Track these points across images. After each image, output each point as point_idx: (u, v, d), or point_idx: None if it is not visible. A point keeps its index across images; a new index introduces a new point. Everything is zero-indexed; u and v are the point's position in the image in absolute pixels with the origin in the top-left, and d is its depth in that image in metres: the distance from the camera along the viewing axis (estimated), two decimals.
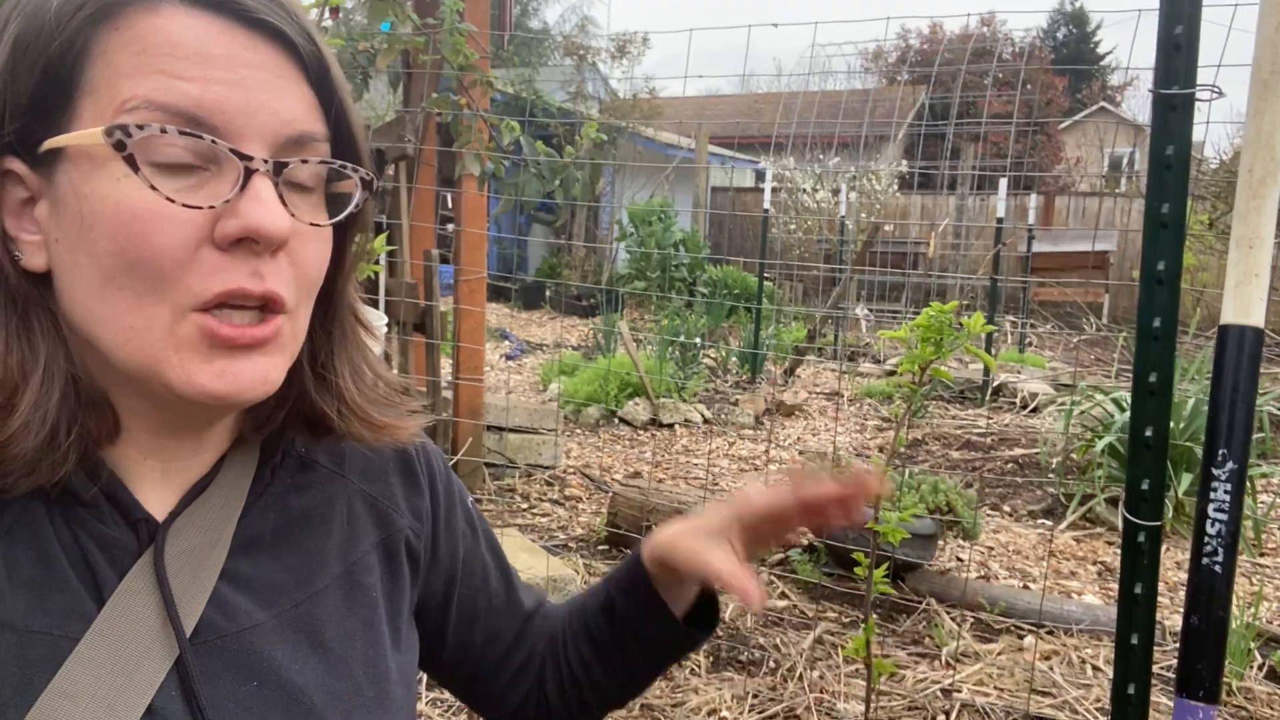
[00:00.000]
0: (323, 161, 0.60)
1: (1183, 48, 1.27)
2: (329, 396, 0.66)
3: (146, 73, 0.53)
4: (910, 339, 1.36)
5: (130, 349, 0.55)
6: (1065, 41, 29.52)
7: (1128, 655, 1.38)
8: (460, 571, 0.80)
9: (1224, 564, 1.16)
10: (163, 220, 0.53)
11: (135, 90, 0.53)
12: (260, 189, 0.55)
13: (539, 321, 10.99)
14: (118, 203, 0.53)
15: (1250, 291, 1.16)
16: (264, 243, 0.55)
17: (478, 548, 0.83)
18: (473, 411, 4.18)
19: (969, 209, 11.69)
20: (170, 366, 0.55)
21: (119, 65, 0.54)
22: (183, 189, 0.54)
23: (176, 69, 0.54)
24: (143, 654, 0.57)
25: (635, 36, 13.83)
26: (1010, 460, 5.28)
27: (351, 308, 0.69)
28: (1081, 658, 2.87)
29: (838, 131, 9.54)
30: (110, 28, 0.54)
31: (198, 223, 0.54)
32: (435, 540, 0.77)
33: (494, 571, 0.84)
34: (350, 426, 0.67)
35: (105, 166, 0.53)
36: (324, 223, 0.61)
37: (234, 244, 0.55)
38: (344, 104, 0.61)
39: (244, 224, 0.54)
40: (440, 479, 0.80)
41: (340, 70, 0.63)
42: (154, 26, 0.54)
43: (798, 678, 2.67)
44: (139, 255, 0.53)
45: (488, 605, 0.83)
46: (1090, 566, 3.77)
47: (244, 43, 0.56)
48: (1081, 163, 20.20)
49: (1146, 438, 1.35)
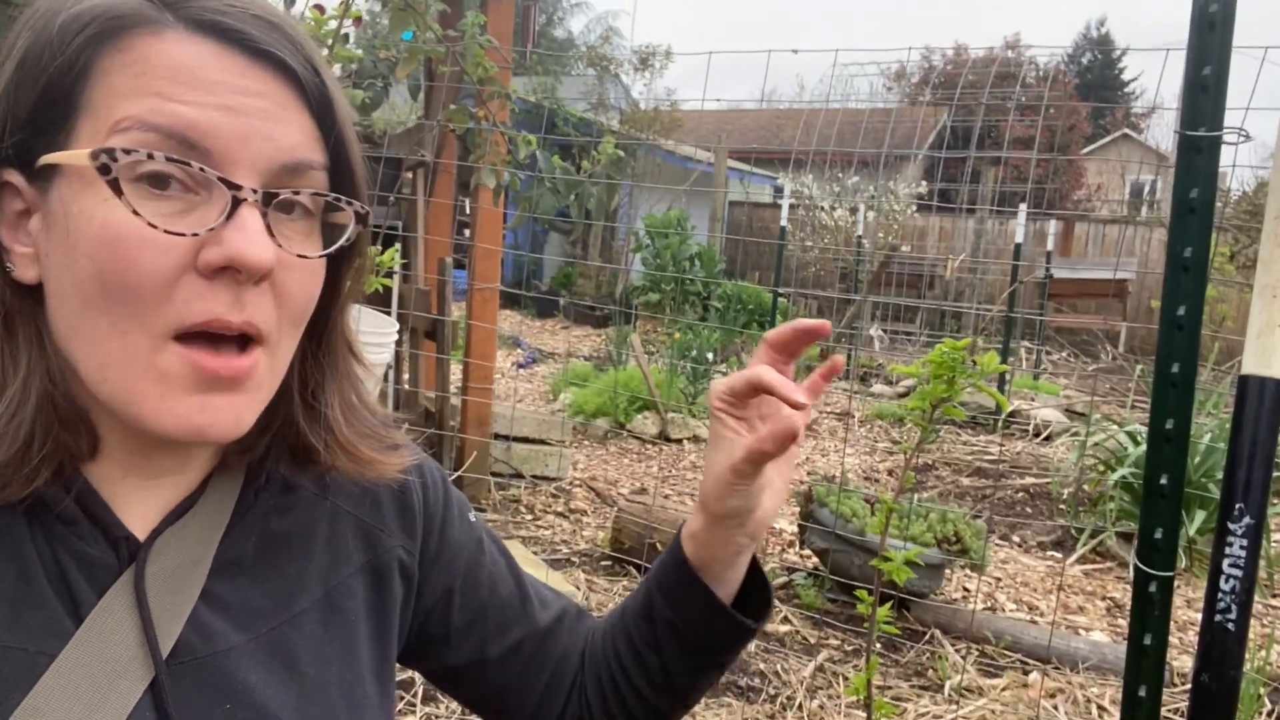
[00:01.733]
0: (315, 194, 0.60)
1: (1210, 89, 1.24)
2: (318, 427, 0.66)
3: (143, 94, 0.53)
4: (922, 375, 1.34)
5: (107, 374, 0.55)
6: (1090, 67, 29.43)
7: (1134, 708, 1.34)
8: (460, 585, 0.78)
9: (1237, 621, 1.13)
10: (145, 245, 0.53)
11: (129, 110, 0.53)
12: (246, 219, 0.55)
13: (552, 330, 10.99)
14: (103, 224, 0.53)
15: (1273, 342, 1.13)
16: (246, 273, 0.55)
17: (481, 559, 0.81)
18: (480, 423, 4.17)
19: (987, 232, 11.63)
20: (147, 400, 0.55)
21: (118, 86, 0.54)
22: (169, 214, 0.54)
23: (173, 91, 0.54)
24: (118, 674, 0.56)
25: (658, 50, 13.87)
26: (1021, 489, 5.23)
27: (345, 338, 0.68)
28: (1087, 696, 2.82)
29: (858, 150, 9.52)
30: (113, 49, 0.54)
31: (181, 249, 0.54)
32: (426, 555, 0.76)
33: (504, 583, 0.81)
34: (335, 459, 0.67)
35: (93, 186, 0.53)
36: (313, 254, 0.60)
37: (216, 272, 0.54)
38: (344, 135, 0.61)
39: (226, 253, 0.54)
40: (435, 493, 0.78)
41: (345, 102, 0.63)
42: (156, 50, 0.54)
43: (797, 707, 2.63)
44: (119, 279, 0.53)
45: (499, 619, 0.80)
46: (1099, 602, 3.71)
47: (244, 70, 0.56)
48: (1102, 189, 20.09)
49: (1161, 485, 1.32)
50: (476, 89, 2.60)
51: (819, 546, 3.44)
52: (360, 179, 0.63)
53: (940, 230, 12.62)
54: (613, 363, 7.46)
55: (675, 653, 0.77)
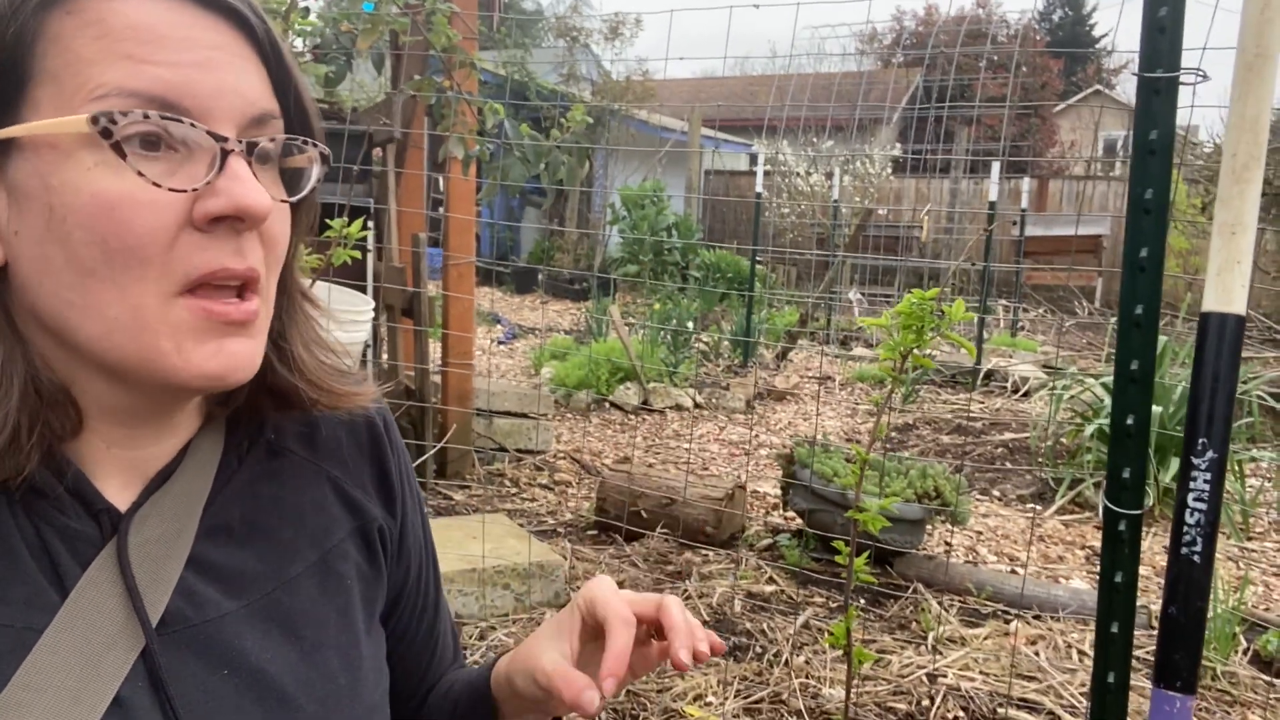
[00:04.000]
0: (288, 138, 0.61)
1: (1167, 30, 1.25)
2: (289, 367, 0.67)
3: (112, 59, 0.53)
4: (891, 326, 1.35)
5: (118, 338, 0.55)
6: (1061, 24, 29.41)
7: (1108, 644, 1.37)
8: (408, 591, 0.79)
9: (1203, 554, 1.16)
10: (141, 206, 0.53)
11: (103, 78, 0.53)
12: (238, 169, 0.55)
13: (531, 305, 10.96)
14: (93, 193, 0.53)
15: (1232, 278, 1.15)
16: (249, 220, 0.56)
17: (429, 576, 0.82)
18: (461, 397, 4.16)
19: (963, 192, 11.66)
20: (165, 355, 0.55)
21: (79, 51, 0.53)
22: (160, 174, 0.54)
23: (143, 53, 0.53)
24: (108, 645, 0.56)
25: (628, 18, 13.74)
26: (1000, 444, 5.29)
27: (298, 282, 0.70)
28: (1067, 642, 2.87)
29: (830, 114, 9.49)
30: (61, 11, 0.53)
31: (177, 206, 0.54)
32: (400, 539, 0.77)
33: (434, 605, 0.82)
34: (314, 395, 0.68)
35: (74, 156, 0.53)
36: (294, 198, 0.62)
37: (212, 223, 0.55)
38: (297, 80, 0.62)
39: (232, 203, 0.55)
40: (408, 479, 0.79)
41: (288, 45, 0.63)
42: (111, 9, 0.53)
43: (783, 663, 2.67)
44: (121, 243, 0.53)
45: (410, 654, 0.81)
46: (1078, 551, 3.78)
47: (202, 23, 0.56)
48: (1076, 146, 20.16)
49: (1128, 425, 1.34)
50: (442, 60, 2.57)
51: (801, 507, 3.48)
52: (315, 121, 0.64)
53: (916, 191, 12.64)
54: (593, 335, 7.46)
55: None
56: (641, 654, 0.70)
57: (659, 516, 3.55)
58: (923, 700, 2.51)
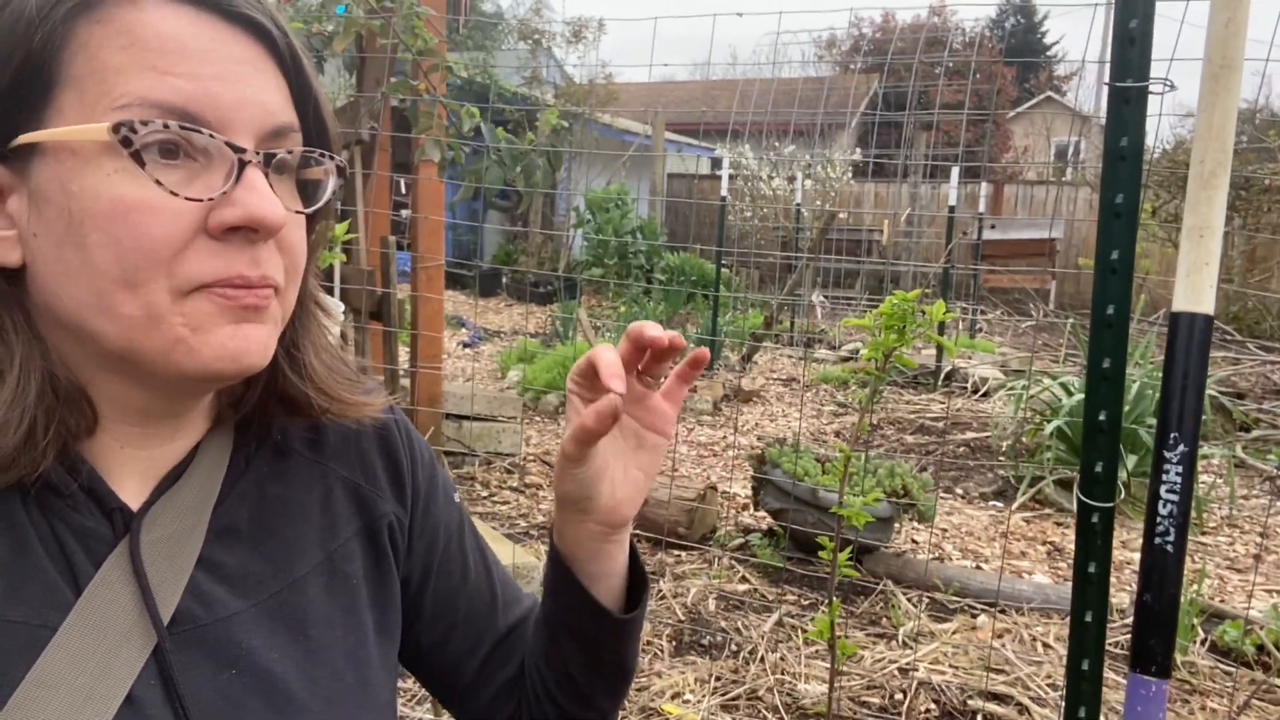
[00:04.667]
0: (305, 151, 0.62)
1: (1137, 41, 1.30)
2: (299, 375, 0.68)
3: (137, 69, 0.54)
4: (874, 327, 1.38)
5: (135, 333, 0.56)
6: (1013, 32, 30.00)
7: (1082, 632, 1.42)
8: (437, 565, 0.79)
9: (1175, 543, 1.20)
10: (157, 213, 0.54)
11: (127, 87, 0.54)
12: (255, 180, 0.57)
13: (495, 309, 10.91)
14: (112, 199, 0.54)
15: (1201, 280, 1.20)
16: (263, 231, 0.57)
17: (462, 545, 0.82)
18: (431, 400, 4.15)
19: (921, 197, 11.85)
20: (182, 340, 0.56)
21: (105, 60, 0.54)
22: (177, 182, 0.55)
23: (166, 64, 0.54)
24: (120, 643, 0.57)
25: (591, 21, 13.75)
26: (963, 444, 5.39)
27: (311, 290, 0.70)
28: (1033, 635, 2.95)
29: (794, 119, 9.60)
30: (91, 20, 0.54)
31: (192, 214, 0.55)
32: (414, 528, 0.77)
33: (476, 572, 0.82)
34: (324, 403, 0.68)
35: (93, 162, 0.54)
36: (308, 209, 0.63)
37: (227, 232, 0.56)
38: (316, 93, 0.63)
39: (247, 214, 0.56)
40: (423, 466, 0.80)
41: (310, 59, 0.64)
42: (137, 20, 0.54)
43: (759, 660, 2.70)
44: (136, 246, 0.54)
45: (468, 607, 0.81)
46: (1040, 547, 3.87)
47: (226, 36, 0.57)
48: (1029, 151, 20.58)
49: (1100, 422, 1.39)
50: (413, 62, 2.57)
51: (773, 507, 3.52)
52: (333, 134, 0.65)
53: (876, 196, 12.81)
54: (560, 339, 7.45)
55: (568, 650, 0.76)
56: (647, 405, 0.72)
57: None
58: (896, 694, 2.56)
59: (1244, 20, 1.17)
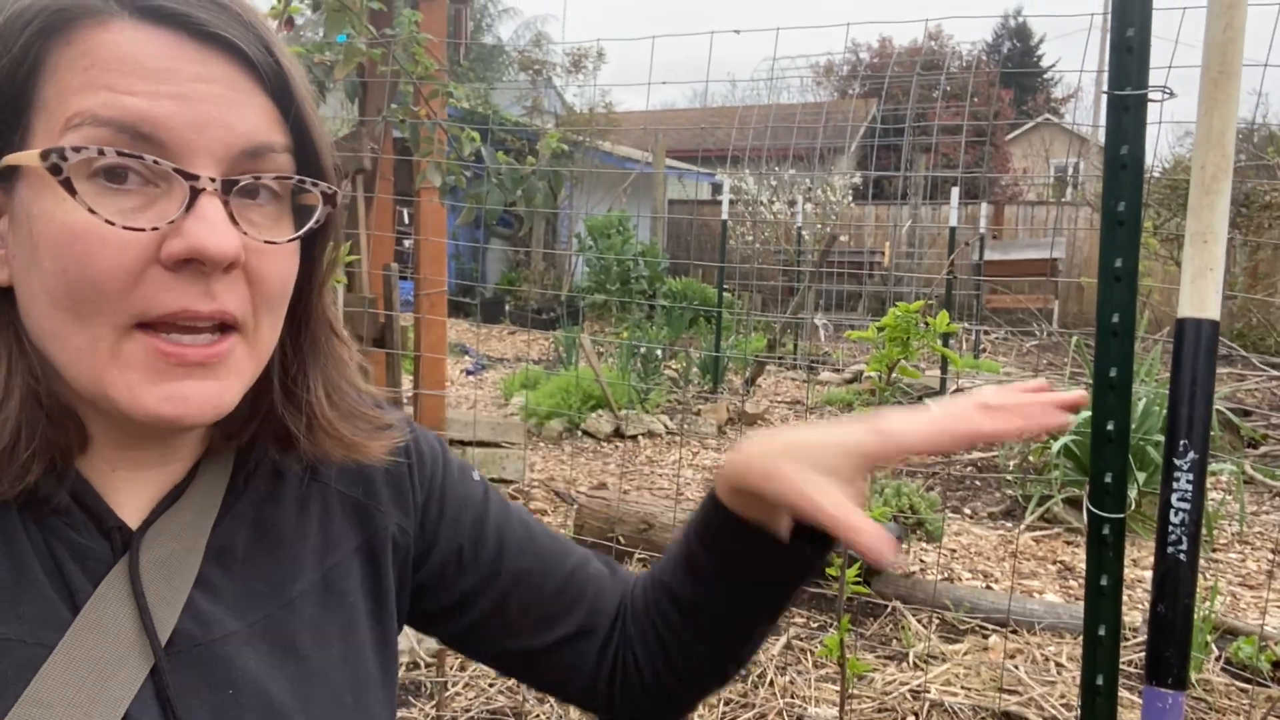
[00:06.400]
0: (277, 177, 0.58)
1: (1135, 50, 1.30)
2: (296, 413, 0.65)
3: (93, 88, 0.53)
4: (877, 339, 1.38)
5: (78, 369, 0.55)
6: (1010, 55, 30.24)
7: (1096, 647, 1.40)
8: (469, 540, 0.77)
9: (1188, 552, 1.19)
10: (104, 242, 0.52)
11: (81, 105, 0.52)
12: (206, 209, 0.54)
13: (499, 336, 10.93)
14: (61, 224, 0.53)
15: (1205, 285, 1.19)
16: (210, 264, 0.54)
17: (487, 514, 0.79)
18: (435, 425, 4.13)
19: (922, 218, 11.89)
20: (115, 387, 0.55)
21: (68, 81, 0.53)
22: (129, 209, 0.53)
23: (123, 84, 0.53)
24: (118, 663, 0.56)
25: (590, 50, 13.89)
26: (970, 463, 5.36)
27: (326, 320, 0.68)
28: (1045, 655, 2.91)
29: (793, 144, 9.66)
30: (62, 42, 0.54)
31: (142, 244, 0.53)
32: (428, 521, 0.76)
33: (514, 535, 0.79)
34: (318, 443, 0.66)
35: (51, 186, 0.53)
36: (282, 239, 0.59)
37: (181, 264, 0.54)
38: (304, 114, 0.60)
39: (188, 244, 0.53)
40: (432, 460, 0.78)
41: (304, 80, 0.61)
42: (103, 41, 0.53)
43: (768, 683, 2.67)
44: (81, 276, 0.53)
45: (515, 569, 0.78)
46: (1050, 566, 3.83)
47: (195, 56, 0.55)
48: (1029, 172, 20.66)
49: (1108, 431, 1.38)
50: (414, 89, 2.59)
51: None
52: (326, 157, 0.62)
53: (876, 218, 12.86)
54: (563, 364, 7.45)
55: (725, 603, 0.74)
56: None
57: (636, 541, 3.55)
58: (908, 716, 2.52)
59: (1242, 25, 1.17)
